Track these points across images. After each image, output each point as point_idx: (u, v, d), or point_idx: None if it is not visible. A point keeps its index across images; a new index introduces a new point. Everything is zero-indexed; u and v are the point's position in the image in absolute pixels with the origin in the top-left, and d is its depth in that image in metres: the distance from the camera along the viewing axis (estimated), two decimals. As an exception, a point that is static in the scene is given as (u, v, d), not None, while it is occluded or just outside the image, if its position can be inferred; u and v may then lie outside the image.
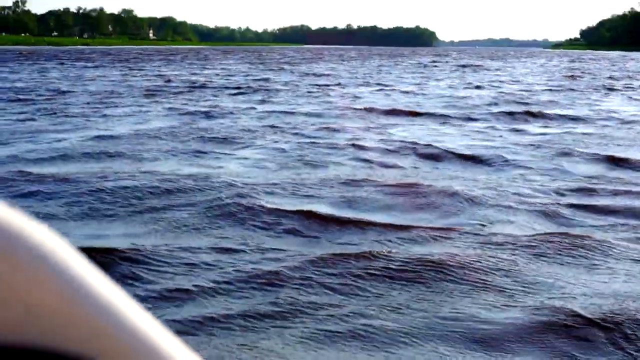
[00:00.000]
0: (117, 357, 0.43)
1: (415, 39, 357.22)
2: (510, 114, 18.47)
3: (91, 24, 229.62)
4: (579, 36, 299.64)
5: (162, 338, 0.46)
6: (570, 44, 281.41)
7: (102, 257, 5.87)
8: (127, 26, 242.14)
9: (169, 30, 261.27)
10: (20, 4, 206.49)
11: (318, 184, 9.36)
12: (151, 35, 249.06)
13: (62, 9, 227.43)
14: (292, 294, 5.36)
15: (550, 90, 28.35)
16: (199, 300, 5.26)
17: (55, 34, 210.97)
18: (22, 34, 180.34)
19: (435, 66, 56.48)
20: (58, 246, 0.44)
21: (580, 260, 6.28)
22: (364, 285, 5.56)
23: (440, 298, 5.38)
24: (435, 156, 11.81)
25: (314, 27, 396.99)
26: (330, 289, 5.47)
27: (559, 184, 9.57)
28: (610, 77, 39.11)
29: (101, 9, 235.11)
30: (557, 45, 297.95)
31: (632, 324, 4.84)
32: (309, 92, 25.96)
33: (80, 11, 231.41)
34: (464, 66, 55.02)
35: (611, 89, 29.33)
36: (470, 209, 8.07)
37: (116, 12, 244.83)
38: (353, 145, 12.71)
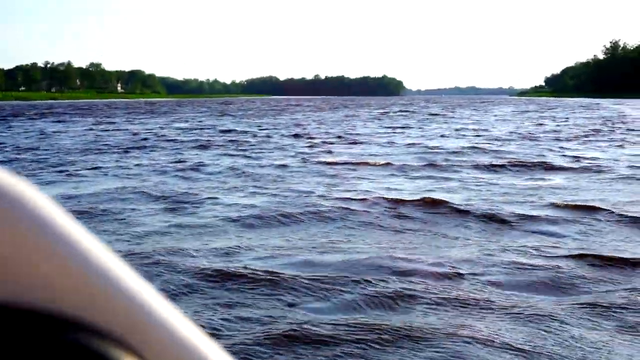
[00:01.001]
0: (114, 319, 0.44)
1: (383, 88, 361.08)
2: (491, 165, 18.46)
3: (59, 78, 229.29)
4: (543, 83, 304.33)
5: (159, 305, 0.47)
6: (536, 91, 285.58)
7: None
8: (95, 80, 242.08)
9: (137, 83, 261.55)
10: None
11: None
12: (119, 88, 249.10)
13: (29, 64, 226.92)
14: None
15: (519, 138, 28.59)
16: None
17: (23, 88, 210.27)
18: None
19: (404, 116, 56.86)
20: (57, 212, 0.45)
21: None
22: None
23: None
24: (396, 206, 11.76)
25: (282, 77, 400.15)
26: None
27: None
28: (576, 125, 39.64)
29: (69, 63, 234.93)
30: (523, 93, 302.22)
31: None
32: (280, 145, 25.95)
33: (48, 66, 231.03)
34: (434, 115, 55.44)
35: (584, 137, 29.65)
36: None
37: (84, 66, 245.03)
38: (322, 196, 12.74)
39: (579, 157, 20.61)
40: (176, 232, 10.00)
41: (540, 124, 41.50)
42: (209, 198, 12.92)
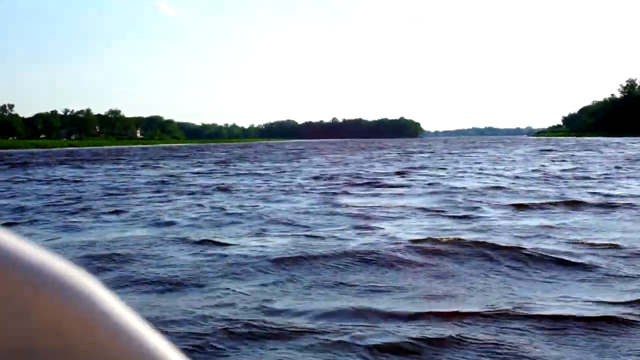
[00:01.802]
0: None
1: (401, 130, 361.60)
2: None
3: (78, 126, 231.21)
4: (561, 123, 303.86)
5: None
6: (553, 130, 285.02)
7: None
8: (114, 126, 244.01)
9: (156, 129, 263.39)
10: (7, 107, 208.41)
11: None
12: (139, 134, 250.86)
13: (49, 112, 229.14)
14: None
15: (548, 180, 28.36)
16: None
17: (43, 136, 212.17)
18: (10, 138, 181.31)
19: (428, 157, 56.73)
20: (74, 274, 0.47)
21: None
22: None
23: None
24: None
25: (300, 121, 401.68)
26: None
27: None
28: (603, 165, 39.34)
29: (88, 110, 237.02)
30: (540, 133, 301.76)
31: None
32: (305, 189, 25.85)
33: (68, 113, 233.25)
34: (453, 154, 55.24)
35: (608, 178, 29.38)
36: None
37: (103, 113, 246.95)
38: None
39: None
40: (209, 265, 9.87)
41: (565, 162, 41.25)
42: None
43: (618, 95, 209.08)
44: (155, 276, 9.95)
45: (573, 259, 10.64)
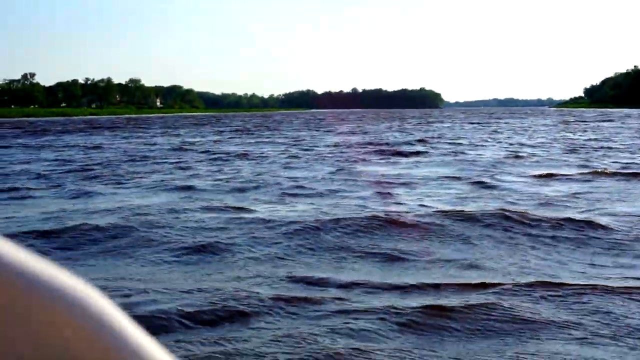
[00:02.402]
0: None
1: (421, 100, 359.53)
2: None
3: (99, 94, 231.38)
4: (582, 94, 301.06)
5: None
6: (575, 102, 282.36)
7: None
8: (134, 95, 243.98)
9: (175, 98, 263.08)
10: (29, 76, 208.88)
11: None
12: (158, 103, 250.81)
13: (70, 80, 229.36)
14: None
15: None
16: None
17: (64, 104, 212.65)
18: (32, 106, 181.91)
19: (449, 127, 56.47)
20: (74, 284, 0.47)
21: None
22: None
23: None
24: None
25: (319, 91, 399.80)
26: None
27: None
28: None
29: (109, 79, 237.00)
30: (561, 104, 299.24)
31: None
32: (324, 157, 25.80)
33: (88, 82, 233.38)
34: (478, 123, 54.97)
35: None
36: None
37: (123, 82, 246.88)
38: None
39: None
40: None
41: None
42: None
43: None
44: (180, 241, 9.94)
45: (597, 228, 10.57)
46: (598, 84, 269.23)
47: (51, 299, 0.46)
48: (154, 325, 6.14)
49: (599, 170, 18.33)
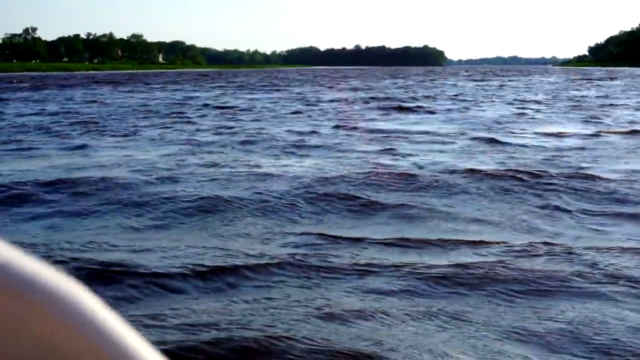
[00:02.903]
0: None
1: (424, 58, 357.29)
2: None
3: (101, 50, 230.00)
4: (587, 53, 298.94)
5: None
6: (579, 60, 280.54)
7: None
8: (136, 51, 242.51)
9: (178, 54, 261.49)
10: (30, 31, 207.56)
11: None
12: (160, 59, 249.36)
13: (72, 35, 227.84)
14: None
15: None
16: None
17: (66, 59, 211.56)
18: (33, 61, 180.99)
19: (453, 85, 56.20)
20: (68, 287, 0.47)
21: None
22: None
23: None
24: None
25: (322, 48, 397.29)
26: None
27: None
28: None
29: (111, 34, 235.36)
30: (566, 63, 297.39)
31: None
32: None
33: (90, 37, 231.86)
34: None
35: None
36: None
37: (125, 37, 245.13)
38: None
39: None
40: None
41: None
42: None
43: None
44: (186, 196, 9.89)
45: (603, 184, 10.55)
46: (603, 42, 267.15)
47: (41, 297, 0.46)
48: (164, 285, 5.97)
49: (605, 131, 18.24)
